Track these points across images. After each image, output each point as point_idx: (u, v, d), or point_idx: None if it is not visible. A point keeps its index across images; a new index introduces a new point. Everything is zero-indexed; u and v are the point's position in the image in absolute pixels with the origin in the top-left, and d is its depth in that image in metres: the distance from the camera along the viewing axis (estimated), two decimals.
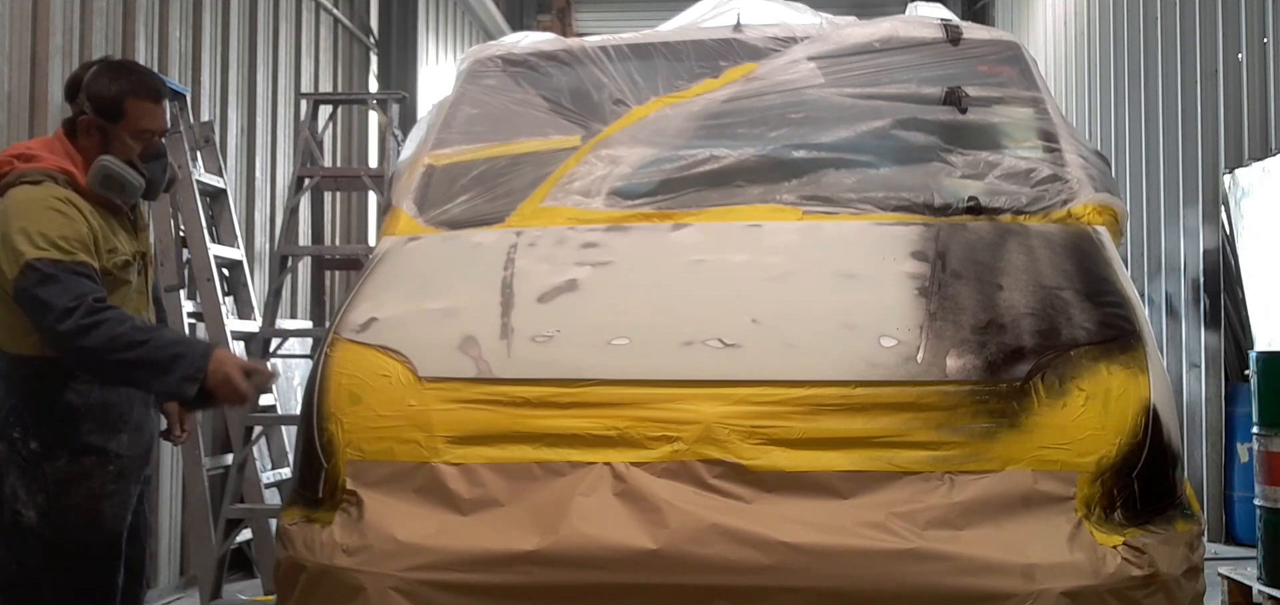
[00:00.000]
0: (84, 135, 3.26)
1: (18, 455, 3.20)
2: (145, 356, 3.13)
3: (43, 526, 3.19)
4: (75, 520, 3.22)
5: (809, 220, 3.56)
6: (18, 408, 3.21)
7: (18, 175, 3.21)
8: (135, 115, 3.26)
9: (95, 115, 3.24)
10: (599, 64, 4.15)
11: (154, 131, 3.31)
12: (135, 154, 3.28)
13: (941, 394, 2.90)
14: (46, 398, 3.20)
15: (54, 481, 3.20)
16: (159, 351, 3.16)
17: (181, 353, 3.19)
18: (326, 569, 2.92)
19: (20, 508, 3.20)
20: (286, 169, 8.47)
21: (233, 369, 3.20)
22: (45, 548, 3.20)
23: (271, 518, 6.13)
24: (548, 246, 3.49)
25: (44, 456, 3.20)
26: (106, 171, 3.21)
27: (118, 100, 3.25)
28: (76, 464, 3.22)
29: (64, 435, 3.21)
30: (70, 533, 3.21)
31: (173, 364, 3.15)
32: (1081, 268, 3.26)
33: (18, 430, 3.20)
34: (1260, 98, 7.41)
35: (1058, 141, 3.82)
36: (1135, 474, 2.86)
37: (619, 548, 2.73)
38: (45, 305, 3.06)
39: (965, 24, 4.29)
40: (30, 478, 3.20)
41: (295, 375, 7.71)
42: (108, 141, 3.25)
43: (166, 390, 3.26)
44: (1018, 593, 2.66)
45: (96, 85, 3.26)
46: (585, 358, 3.04)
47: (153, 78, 3.43)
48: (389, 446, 3.01)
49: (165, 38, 7.00)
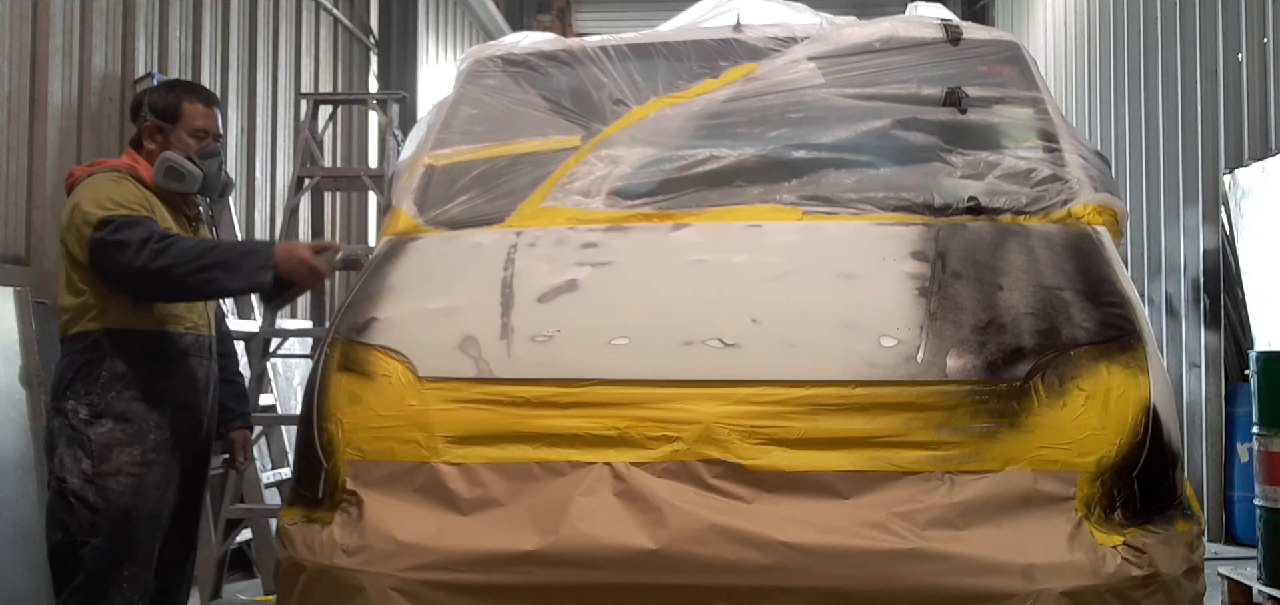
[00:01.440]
0: (148, 139, 3.65)
1: (68, 425, 3.44)
2: (218, 259, 3.45)
3: (86, 491, 3.39)
4: (116, 486, 3.41)
5: (809, 220, 3.55)
6: (72, 380, 3.47)
7: (86, 174, 3.59)
8: (190, 115, 3.66)
9: (155, 119, 3.64)
10: (599, 64, 4.15)
11: (208, 132, 3.68)
12: (193, 151, 3.63)
13: (941, 394, 2.89)
14: (97, 368, 3.46)
15: (98, 446, 3.42)
16: (228, 252, 3.52)
17: (249, 248, 3.62)
18: (326, 569, 2.92)
19: (66, 475, 3.42)
20: (286, 169, 8.48)
21: (302, 249, 3.53)
22: (88, 512, 3.39)
23: (271, 518, 6.13)
24: (548, 246, 3.49)
25: (89, 422, 3.43)
26: (168, 163, 3.57)
27: (175, 104, 3.67)
28: (119, 430, 3.45)
29: (109, 401, 3.45)
30: (111, 498, 3.40)
31: (243, 259, 3.48)
32: (1081, 268, 3.26)
33: (71, 400, 3.46)
34: (1260, 98, 7.41)
35: (1058, 141, 3.82)
36: (1135, 474, 2.86)
37: (619, 548, 2.73)
38: (123, 244, 3.37)
39: (965, 24, 4.29)
40: (76, 444, 3.42)
41: (295, 375, 7.71)
42: (168, 141, 3.63)
43: (245, 284, 3.56)
44: (1018, 593, 2.66)
45: (155, 95, 3.73)
46: (585, 358, 3.04)
47: (205, 88, 3.91)
48: (389, 446, 3.01)
49: (165, 38, 7.01)
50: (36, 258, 5.82)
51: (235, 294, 3.68)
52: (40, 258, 5.84)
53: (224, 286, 3.56)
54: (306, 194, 7.18)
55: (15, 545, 4.86)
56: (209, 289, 3.54)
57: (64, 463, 3.42)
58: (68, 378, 3.48)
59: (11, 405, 4.98)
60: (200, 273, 3.41)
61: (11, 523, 4.85)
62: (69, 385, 3.47)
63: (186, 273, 3.39)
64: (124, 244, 3.37)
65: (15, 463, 4.94)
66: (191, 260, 3.40)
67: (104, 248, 3.39)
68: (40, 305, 5.36)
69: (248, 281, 3.51)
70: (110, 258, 3.39)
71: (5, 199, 5.68)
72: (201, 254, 3.43)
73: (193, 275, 3.40)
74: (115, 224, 3.39)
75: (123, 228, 3.39)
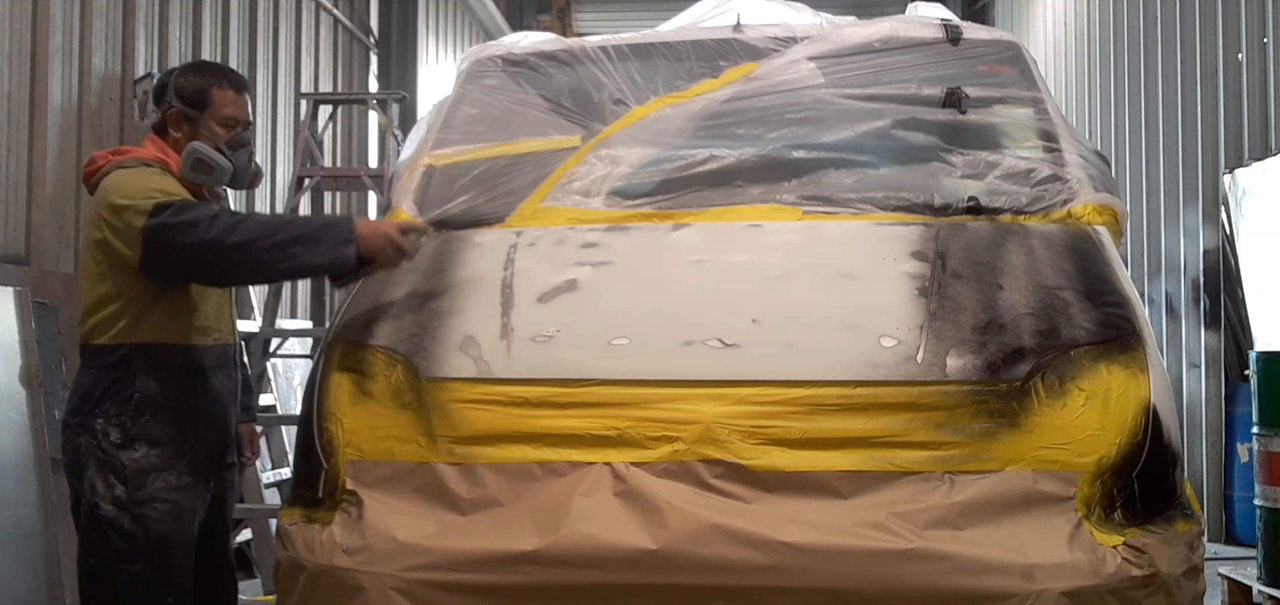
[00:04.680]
0: (174, 127, 3.40)
1: (98, 448, 3.23)
2: (297, 233, 3.25)
3: (120, 518, 3.20)
4: (153, 513, 3.22)
5: (809, 220, 3.55)
6: (101, 398, 3.24)
7: (112, 164, 3.33)
8: (220, 103, 3.41)
9: (183, 106, 3.39)
10: (599, 64, 4.15)
11: (238, 120, 3.44)
12: (222, 141, 3.40)
13: (941, 394, 2.89)
14: (128, 387, 3.24)
15: (132, 472, 3.22)
16: (306, 226, 3.29)
17: (327, 222, 3.39)
18: (326, 569, 2.92)
19: (98, 501, 3.21)
20: (286, 169, 8.48)
21: (388, 227, 3.32)
22: (123, 540, 3.20)
23: (271, 518, 6.13)
24: (548, 246, 3.49)
25: (122, 446, 3.22)
26: (197, 154, 3.33)
27: (204, 90, 3.41)
28: (154, 455, 3.24)
29: (143, 425, 3.24)
30: (148, 525, 3.22)
31: (324, 232, 3.27)
32: (1081, 268, 3.26)
33: (100, 419, 3.24)
34: (1260, 98, 7.40)
35: (1058, 141, 3.82)
36: (1135, 474, 2.86)
37: (619, 548, 2.73)
38: (192, 224, 3.15)
39: (965, 24, 4.29)
40: (108, 469, 3.22)
41: (295, 375, 7.71)
42: (196, 131, 3.38)
43: (326, 259, 3.26)
44: (1018, 593, 2.66)
45: (183, 80, 3.45)
46: (585, 358, 3.04)
47: (235, 72, 3.62)
48: (389, 446, 3.01)
49: (165, 38, 7.01)
50: (36, 258, 5.82)
51: (316, 272, 3.39)
52: (40, 258, 5.84)
53: (304, 262, 3.29)
54: (306, 194, 7.18)
55: (15, 545, 4.86)
56: (290, 265, 3.32)
57: (96, 487, 3.22)
58: (96, 395, 3.25)
59: (11, 405, 4.98)
60: (280, 248, 3.19)
61: (11, 523, 4.85)
62: (98, 404, 3.24)
63: (266, 248, 3.18)
64: (192, 222, 3.14)
65: (15, 463, 4.94)
66: (269, 234, 3.19)
67: (167, 232, 3.14)
68: (40, 305, 5.36)
69: (330, 256, 3.23)
70: (175, 242, 3.15)
71: (5, 199, 5.68)
72: (278, 228, 3.24)
73: (273, 251, 3.19)
74: (175, 207, 3.17)
75: (185, 209, 3.17)
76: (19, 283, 5.29)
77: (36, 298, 5.35)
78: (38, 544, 4.93)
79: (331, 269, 3.30)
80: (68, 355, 5.50)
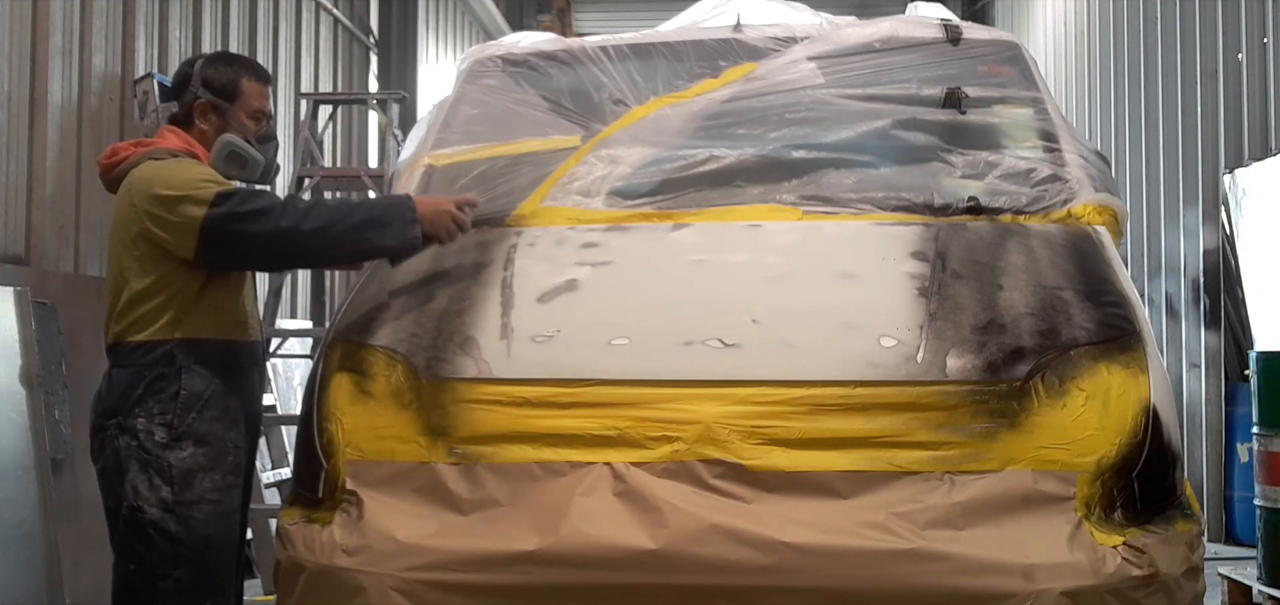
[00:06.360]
0: (201, 118, 3.32)
1: (140, 448, 3.11)
2: (366, 216, 3.24)
3: (166, 521, 3.10)
4: (199, 514, 3.13)
5: (809, 220, 3.55)
6: (143, 397, 3.13)
7: (142, 155, 3.25)
8: (249, 94, 3.35)
9: (212, 97, 3.31)
10: (599, 64, 4.15)
11: (264, 113, 3.40)
12: (251, 134, 3.34)
13: (941, 394, 2.90)
14: (172, 384, 3.14)
15: (179, 472, 3.11)
16: (372, 209, 3.28)
17: (391, 202, 3.35)
18: (326, 569, 2.92)
19: (141, 504, 3.10)
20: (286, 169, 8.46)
21: (447, 203, 3.31)
22: (168, 544, 3.10)
23: (271, 518, 6.12)
24: (548, 246, 3.49)
25: (167, 446, 3.12)
26: (231, 147, 3.27)
27: (234, 81, 3.34)
28: (201, 453, 3.15)
29: (189, 423, 3.14)
30: (194, 527, 3.12)
31: (389, 213, 3.25)
32: (1081, 268, 3.26)
33: (142, 419, 3.12)
34: (1260, 98, 7.40)
35: (1058, 141, 3.82)
36: (1135, 474, 2.86)
37: (619, 548, 2.73)
38: (262, 212, 3.11)
39: (965, 24, 4.29)
40: (152, 469, 3.10)
41: (295, 375, 7.71)
42: (226, 123, 3.31)
43: (396, 241, 3.24)
44: (1018, 593, 2.66)
45: (211, 69, 3.35)
46: (585, 358, 3.04)
47: (259, 64, 3.56)
48: (389, 446, 3.01)
49: (165, 38, 7.00)
50: (36, 258, 5.82)
51: (387, 254, 3.29)
52: (40, 258, 5.83)
53: (376, 245, 3.24)
54: (306, 194, 7.17)
55: (15, 545, 4.86)
56: (362, 248, 3.27)
57: (139, 489, 3.09)
58: (137, 393, 3.12)
59: (12, 405, 4.98)
60: (354, 231, 3.17)
61: (11, 523, 4.85)
62: (139, 402, 3.11)
63: (341, 234, 3.15)
64: (263, 211, 3.09)
65: (15, 463, 4.94)
66: (342, 219, 3.16)
67: (236, 221, 3.07)
68: (40, 305, 5.36)
69: (399, 238, 3.21)
70: (244, 231, 3.08)
71: (5, 199, 5.67)
72: (348, 212, 3.19)
73: (348, 235, 3.16)
74: (241, 195, 3.10)
75: (251, 198, 3.10)
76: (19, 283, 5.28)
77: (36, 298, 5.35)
78: (38, 544, 4.93)
79: (401, 250, 3.27)
80: (68, 355, 5.50)
